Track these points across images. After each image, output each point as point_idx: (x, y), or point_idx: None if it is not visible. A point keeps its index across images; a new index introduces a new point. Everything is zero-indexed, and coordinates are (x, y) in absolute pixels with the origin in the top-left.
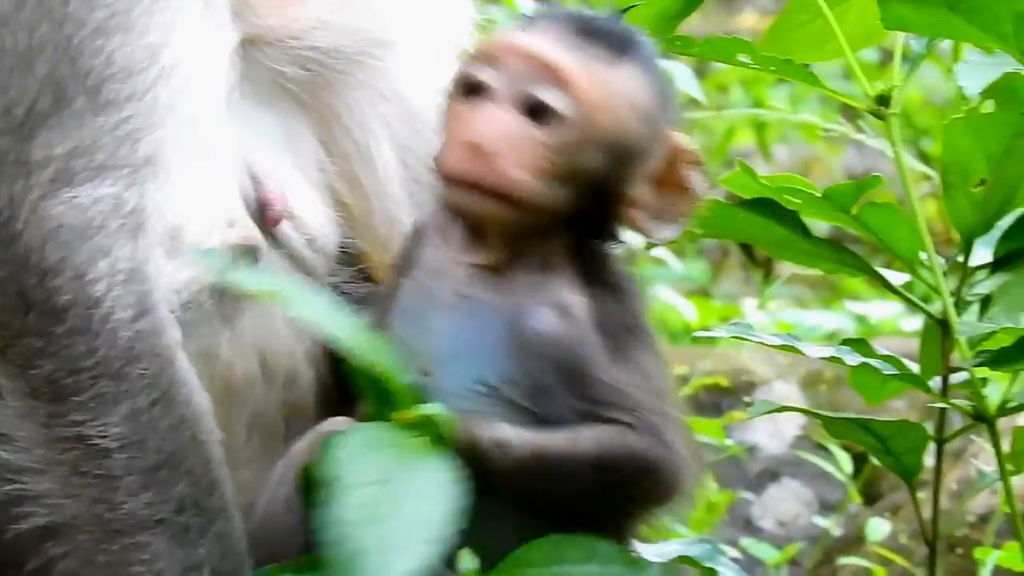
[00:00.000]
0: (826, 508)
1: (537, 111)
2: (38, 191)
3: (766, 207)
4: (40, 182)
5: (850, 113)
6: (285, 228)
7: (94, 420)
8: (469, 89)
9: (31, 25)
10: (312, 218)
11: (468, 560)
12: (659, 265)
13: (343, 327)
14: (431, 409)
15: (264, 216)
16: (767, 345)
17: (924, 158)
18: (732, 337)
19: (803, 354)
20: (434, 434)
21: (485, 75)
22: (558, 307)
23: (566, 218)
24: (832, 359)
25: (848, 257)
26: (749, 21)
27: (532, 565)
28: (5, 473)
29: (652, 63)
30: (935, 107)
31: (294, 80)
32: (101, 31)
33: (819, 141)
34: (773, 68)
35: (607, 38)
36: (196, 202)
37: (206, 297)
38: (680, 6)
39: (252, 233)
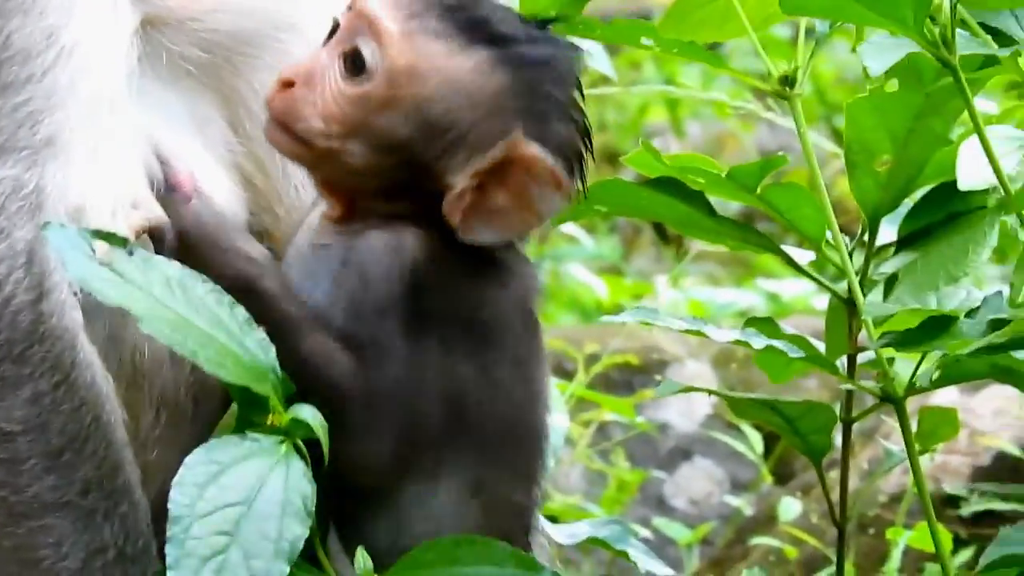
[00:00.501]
0: (738, 487)
1: (351, 62)
2: None
3: (671, 186)
4: None
5: (762, 90)
6: None
7: None
8: (328, 34)
9: None
10: (221, 197)
11: (362, 559)
12: (571, 242)
13: (201, 340)
14: (298, 413)
15: (172, 197)
16: (672, 329)
17: (837, 135)
18: (639, 322)
19: (709, 338)
20: (300, 437)
21: (338, 21)
22: (391, 241)
23: (392, 185)
24: (738, 343)
25: (752, 235)
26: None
27: (426, 566)
28: None
29: (523, 67)
30: (848, 84)
31: (197, 62)
32: None
33: (731, 118)
34: (676, 50)
35: (464, 21)
36: (99, 183)
37: None
38: None
39: (158, 214)
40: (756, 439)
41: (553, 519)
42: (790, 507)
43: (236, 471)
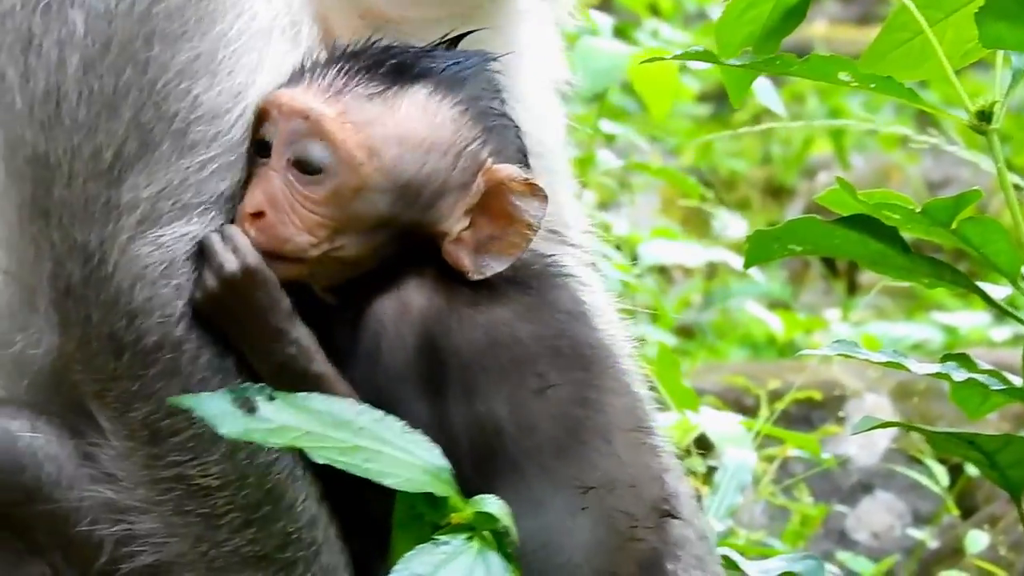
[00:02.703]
0: (919, 520)
1: (304, 167)
2: (127, 233)
3: (863, 224)
4: (129, 224)
5: (925, 120)
6: None
7: (193, 460)
8: (257, 149)
9: (116, 69)
10: None
11: None
12: (741, 278)
13: (369, 456)
14: (483, 506)
15: None
16: (873, 363)
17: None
18: (839, 355)
19: (909, 371)
20: (489, 531)
21: (266, 133)
22: (395, 306)
23: (390, 254)
24: (939, 375)
25: (946, 272)
26: (819, 30)
27: None
28: (112, 513)
29: (453, 88)
30: (1011, 113)
31: None
32: (186, 74)
33: (896, 150)
34: (873, 85)
35: (386, 71)
36: None
37: None
38: (777, 23)
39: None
40: (941, 472)
41: (743, 554)
42: (977, 540)
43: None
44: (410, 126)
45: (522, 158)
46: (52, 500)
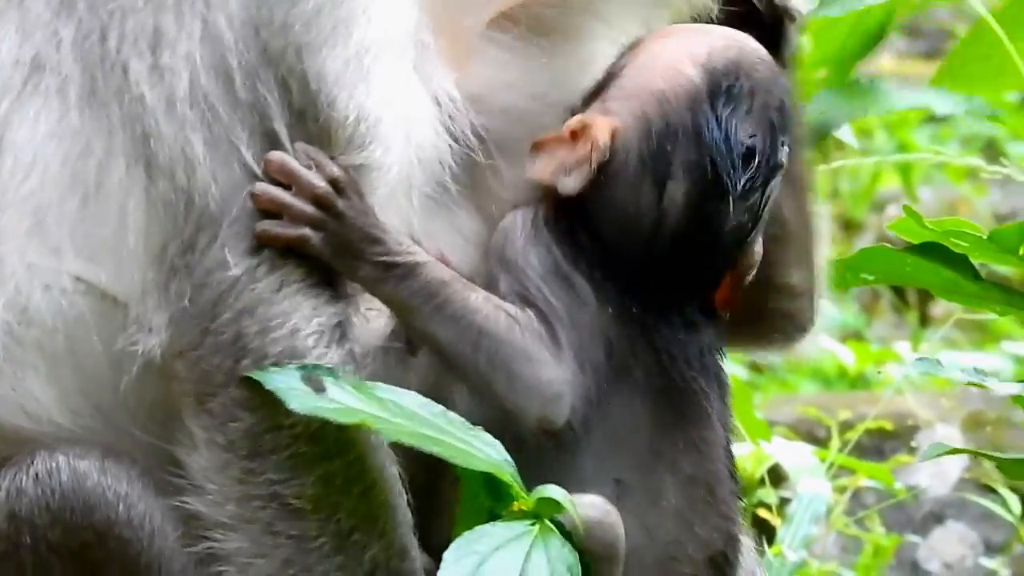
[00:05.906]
0: (992, 549)
1: None
2: None
3: (934, 251)
4: None
5: (991, 152)
6: None
7: (290, 480)
8: None
9: (276, 78)
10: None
11: None
12: None
13: (436, 443)
14: (545, 492)
15: None
16: (955, 382)
17: None
18: (921, 373)
19: (990, 389)
20: (553, 515)
21: None
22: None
23: None
24: (1018, 398)
25: (1017, 299)
26: (887, 64)
27: None
28: (198, 528)
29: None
30: None
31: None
32: (342, 81)
33: (963, 183)
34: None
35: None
36: None
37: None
38: (856, 48)
39: None
40: (1013, 501)
41: None
42: None
43: (497, 558)
44: None
45: None
46: (123, 540)
